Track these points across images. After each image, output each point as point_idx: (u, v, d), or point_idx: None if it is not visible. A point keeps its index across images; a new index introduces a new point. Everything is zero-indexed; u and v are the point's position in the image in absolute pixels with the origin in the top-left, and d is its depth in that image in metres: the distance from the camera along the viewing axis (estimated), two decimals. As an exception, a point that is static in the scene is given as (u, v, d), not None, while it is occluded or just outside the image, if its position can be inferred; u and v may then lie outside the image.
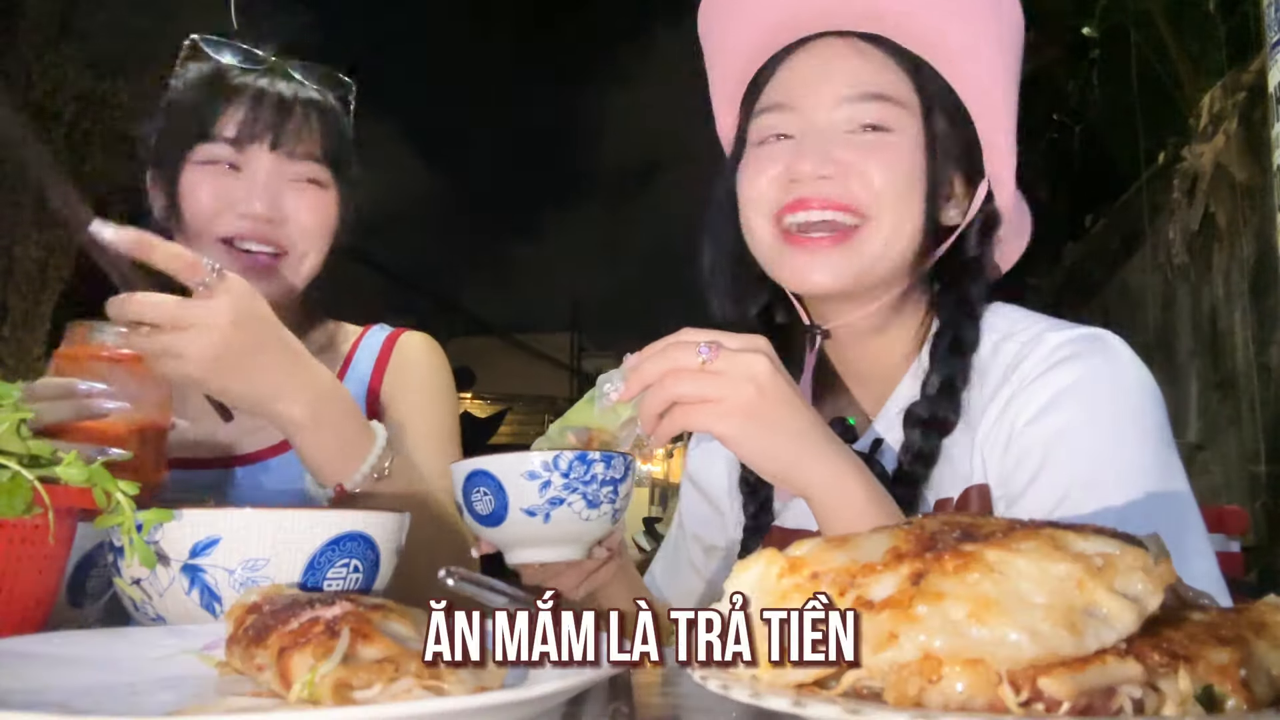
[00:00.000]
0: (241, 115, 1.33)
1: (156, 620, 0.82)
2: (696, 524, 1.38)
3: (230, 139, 1.32)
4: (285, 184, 1.35)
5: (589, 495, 0.97)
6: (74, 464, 0.75)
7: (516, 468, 0.95)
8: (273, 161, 1.34)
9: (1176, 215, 6.29)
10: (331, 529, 0.82)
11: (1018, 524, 0.50)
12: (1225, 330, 5.97)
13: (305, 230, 1.36)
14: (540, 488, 0.96)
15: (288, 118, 1.35)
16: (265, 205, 1.31)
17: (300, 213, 1.35)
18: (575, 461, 0.96)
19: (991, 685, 0.44)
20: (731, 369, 0.87)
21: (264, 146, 1.33)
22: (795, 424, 0.89)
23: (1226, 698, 0.44)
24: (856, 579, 0.49)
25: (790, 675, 0.49)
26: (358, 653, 0.56)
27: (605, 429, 0.94)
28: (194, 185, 1.33)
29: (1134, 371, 1.04)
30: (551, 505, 0.96)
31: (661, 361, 0.88)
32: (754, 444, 0.89)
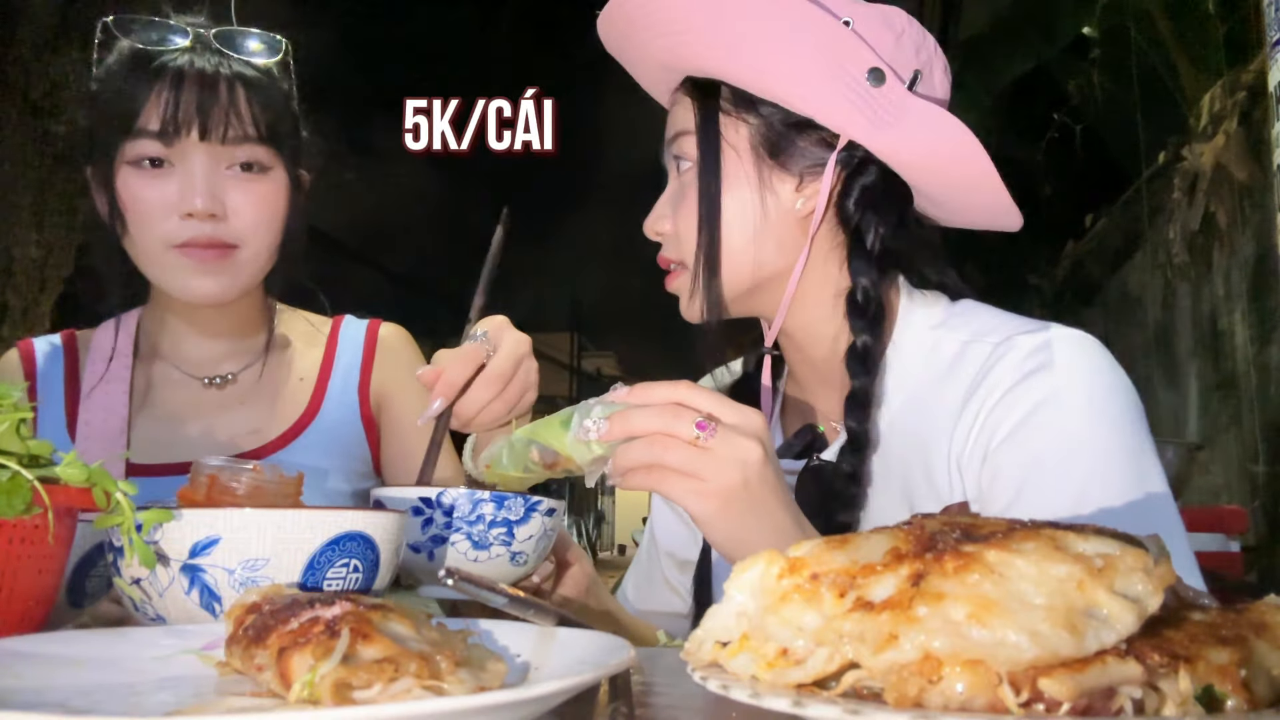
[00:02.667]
0: (163, 104, 1.24)
1: (156, 620, 0.82)
2: (668, 539, 1.36)
3: (155, 132, 1.25)
4: (222, 174, 1.28)
5: (474, 536, 0.95)
6: (74, 464, 0.75)
7: (401, 501, 0.95)
8: (205, 152, 1.26)
9: (1176, 215, 6.29)
10: (331, 529, 0.82)
11: (1018, 525, 0.50)
12: (1225, 330, 5.97)
13: (251, 222, 1.30)
14: (422, 524, 0.95)
15: (213, 100, 1.25)
16: (205, 201, 1.25)
17: (243, 205, 1.29)
18: (461, 499, 0.94)
19: (991, 686, 0.44)
20: (723, 451, 0.83)
21: (192, 136, 1.25)
22: (773, 519, 0.86)
23: (1227, 698, 0.44)
24: (857, 579, 0.49)
25: (790, 675, 0.49)
26: (358, 653, 0.56)
27: (572, 459, 0.89)
28: (129, 189, 1.27)
29: (1109, 376, 1.02)
30: (434, 543, 0.95)
31: (654, 421, 0.84)
32: (726, 531, 0.85)
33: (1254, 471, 5.46)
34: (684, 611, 1.35)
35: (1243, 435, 5.58)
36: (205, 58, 1.28)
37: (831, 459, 1.11)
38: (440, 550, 0.95)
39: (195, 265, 1.28)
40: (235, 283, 1.32)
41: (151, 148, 1.26)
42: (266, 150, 1.30)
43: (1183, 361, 6.50)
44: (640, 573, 1.40)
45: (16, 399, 0.75)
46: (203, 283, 1.30)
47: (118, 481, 0.76)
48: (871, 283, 1.09)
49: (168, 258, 1.28)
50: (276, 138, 1.31)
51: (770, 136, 1.08)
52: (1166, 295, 6.71)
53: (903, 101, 1.05)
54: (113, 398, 1.37)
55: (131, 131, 1.25)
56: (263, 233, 1.31)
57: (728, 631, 0.53)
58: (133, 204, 1.28)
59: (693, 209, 1.10)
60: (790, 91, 1.06)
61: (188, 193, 1.25)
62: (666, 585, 1.36)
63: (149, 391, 1.41)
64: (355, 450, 1.46)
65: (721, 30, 1.05)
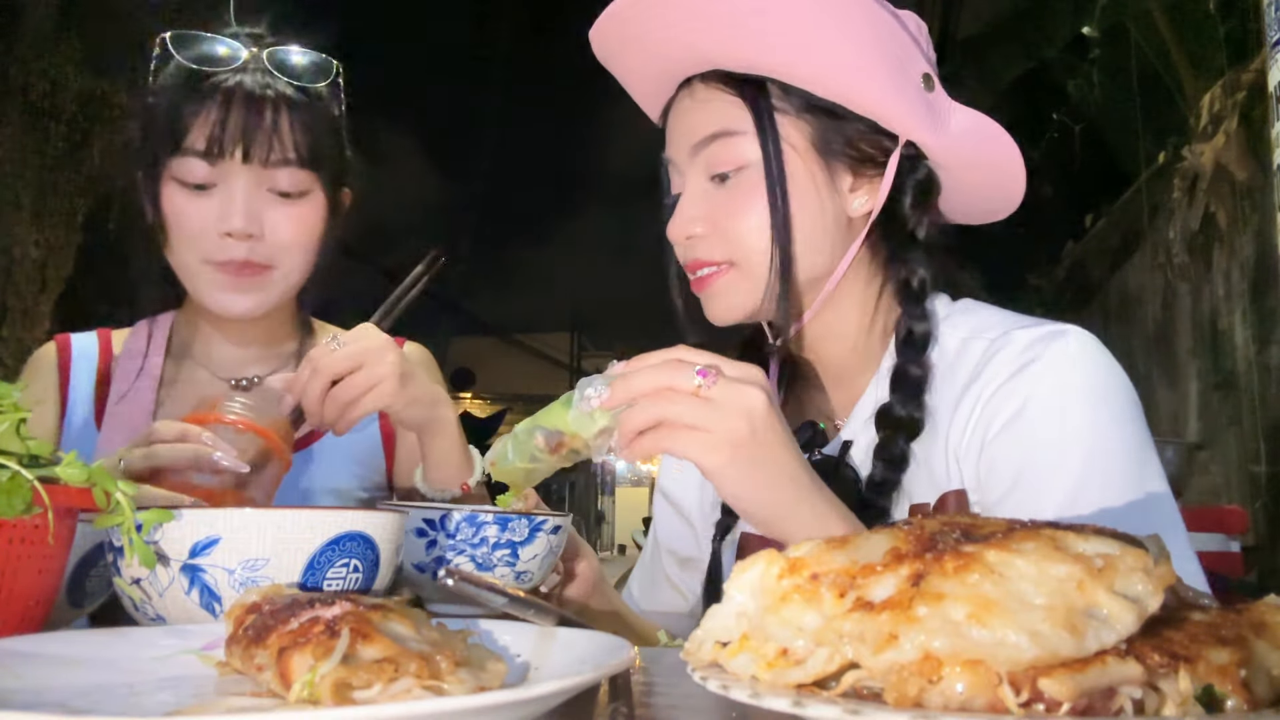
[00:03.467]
0: (210, 124, 1.28)
1: (156, 620, 0.82)
2: (670, 537, 1.37)
3: (201, 152, 1.28)
4: (263, 197, 1.31)
5: (478, 558, 0.95)
6: (74, 464, 0.75)
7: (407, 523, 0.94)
8: (247, 174, 1.29)
9: (1176, 215, 6.29)
10: (331, 529, 0.82)
11: (1018, 525, 0.50)
12: (1225, 330, 5.98)
13: (286, 244, 1.33)
14: (427, 546, 0.95)
15: (258, 123, 1.28)
16: (244, 221, 1.28)
17: (280, 226, 1.32)
18: (463, 523, 0.94)
19: (991, 686, 0.44)
20: (727, 399, 0.82)
21: (236, 159, 1.28)
22: (785, 467, 0.85)
23: (1227, 698, 0.44)
24: (856, 580, 0.49)
25: (790, 675, 0.49)
26: (358, 653, 0.56)
27: (578, 435, 0.87)
28: (173, 205, 1.30)
29: (1106, 371, 1.02)
30: (438, 564, 0.94)
31: (655, 377, 0.83)
32: (738, 482, 0.84)
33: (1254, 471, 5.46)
34: (686, 610, 1.35)
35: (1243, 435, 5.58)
36: (254, 78, 1.30)
37: (833, 454, 1.12)
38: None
39: (229, 282, 1.32)
40: (267, 300, 1.35)
41: (197, 167, 1.29)
42: (307, 174, 1.33)
43: (1183, 361, 6.50)
44: (644, 572, 1.40)
45: (16, 398, 0.75)
46: (235, 299, 1.34)
47: (118, 481, 0.76)
48: (928, 274, 1.10)
49: (204, 273, 1.32)
50: (317, 161, 1.33)
51: (828, 136, 1.06)
52: (1166, 295, 6.71)
53: (947, 104, 1.07)
54: (141, 394, 1.41)
55: (179, 149, 1.29)
56: (297, 254, 1.35)
57: (728, 632, 0.53)
58: (175, 219, 1.31)
59: (745, 210, 1.06)
60: (858, 91, 1.04)
61: (228, 213, 1.28)
62: (669, 583, 1.36)
63: (176, 390, 1.44)
64: (371, 460, 1.49)
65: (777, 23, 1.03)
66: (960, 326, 1.10)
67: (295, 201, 1.33)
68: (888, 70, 1.04)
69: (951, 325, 1.11)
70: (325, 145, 1.35)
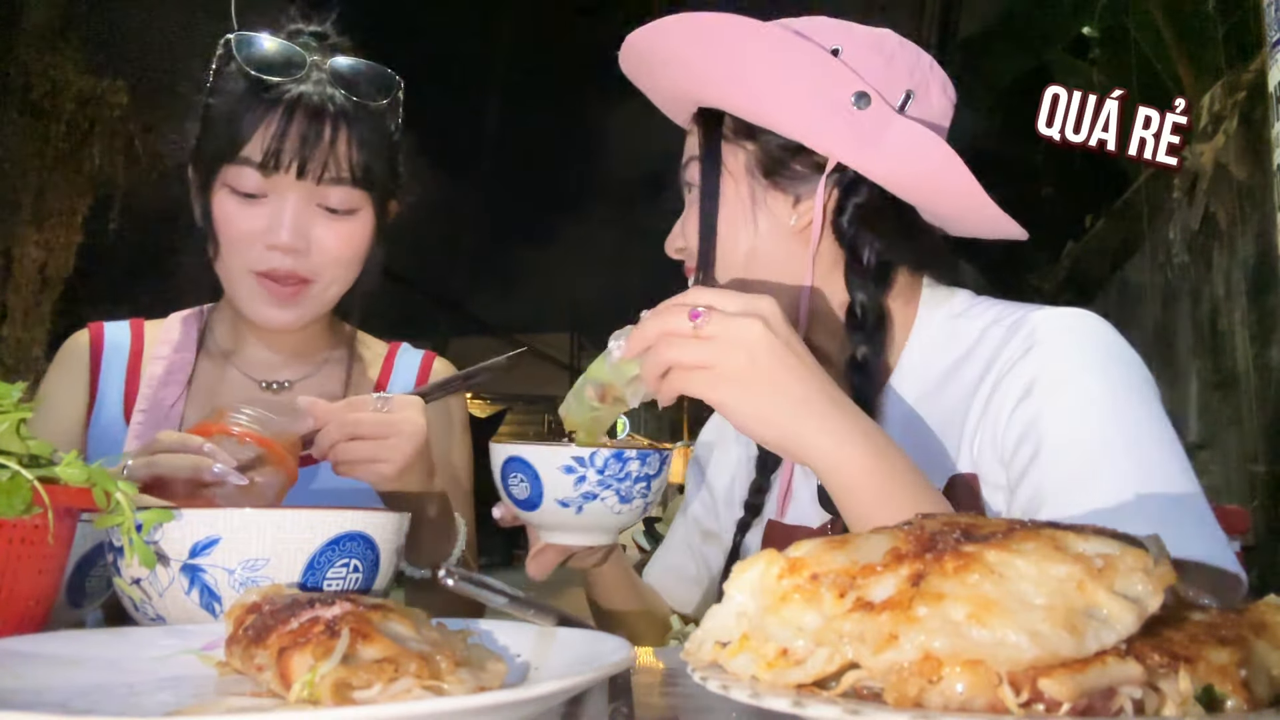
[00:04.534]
0: (268, 137, 1.27)
1: (156, 620, 0.82)
2: (698, 507, 1.42)
3: (257, 163, 1.27)
4: (313, 212, 1.30)
5: (621, 491, 1.00)
6: (74, 464, 0.75)
7: (553, 460, 0.98)
8: (299, 189, 1.28)
9: (1176, 215, 6.29)
10: (331, 529, 0.82)
11: (1018, 525, 0.50)
12: (1225, 330, 5.97)
13: (332, 260, 1.32)
14: (575, 481, 0.99)
15: (316, 139, 1.27)
16: (291, 236, 1.28)
17: (328, 242, 1.31)
18: (611, 459, 0.99)
19: (991, 686, 0.44)
20: (724, 334, 0.85)
21: (290, 174, 1.27)
22: (794, 390, 0.86)
23: (1227, 698, 0.44)
24: (856, 580, 0.49)
25: (790, 675, 0.49)
26: (358, 653, 0.56)
27: (614, 385, 0.94)
28: (224, 213, 1.30)
29: (1121, 348, 1.05)
30: (585, 499, 0.99)
31: (656, 324, 0.88)
32: (747, 411, 0.87)
33: (1254, 471, 5.46)
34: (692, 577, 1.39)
35: (1243, 435, 5.58)
36: (316, 89, 1.29)
37: None
38: (590, 505, 1.00)
39: (270, 294, 1.32)
40: (305, 314, 1.35)
41: (251, 177, 1.28)
42: (359, 193, 1.32)
43: (1183, 361, 6.50)
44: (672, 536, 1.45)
45: (15, 399, 0.75)
46: (275, 314, 1.34)
47: (118, 481, 0.76)
48: (869, 296, 1.13)
49: (247, 282, 1.32)
50: (370, 180, 1.32)
51: (765, 160, 1.14)
52: (1166, 295, 6.72)
53: (887, 122, 1.08)
54: (171, 387, 1.41)
55: (235, 158, 1.28)
56: (340, 270, 1.34)
57: (728, 632, 0.53)
58: (224, 226, 1.31)
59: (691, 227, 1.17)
60: (780, 117, 1.12)
61: (276, 225, 1.28)
62: (687, 548, 1.40)
63: (207, 387, 1.44)
64: None
65: (720, 63, 1.11)
66: (979, 317, 1.13)
67: (344, 218, 1.32)
68: (804, 96, 1.09)
69: (970, 317, 1.14)
70: (379, 164, 1.34)
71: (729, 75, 1.12)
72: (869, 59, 1.10)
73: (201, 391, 1.42)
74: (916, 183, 1.11)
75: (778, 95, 1.10)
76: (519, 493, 1.02)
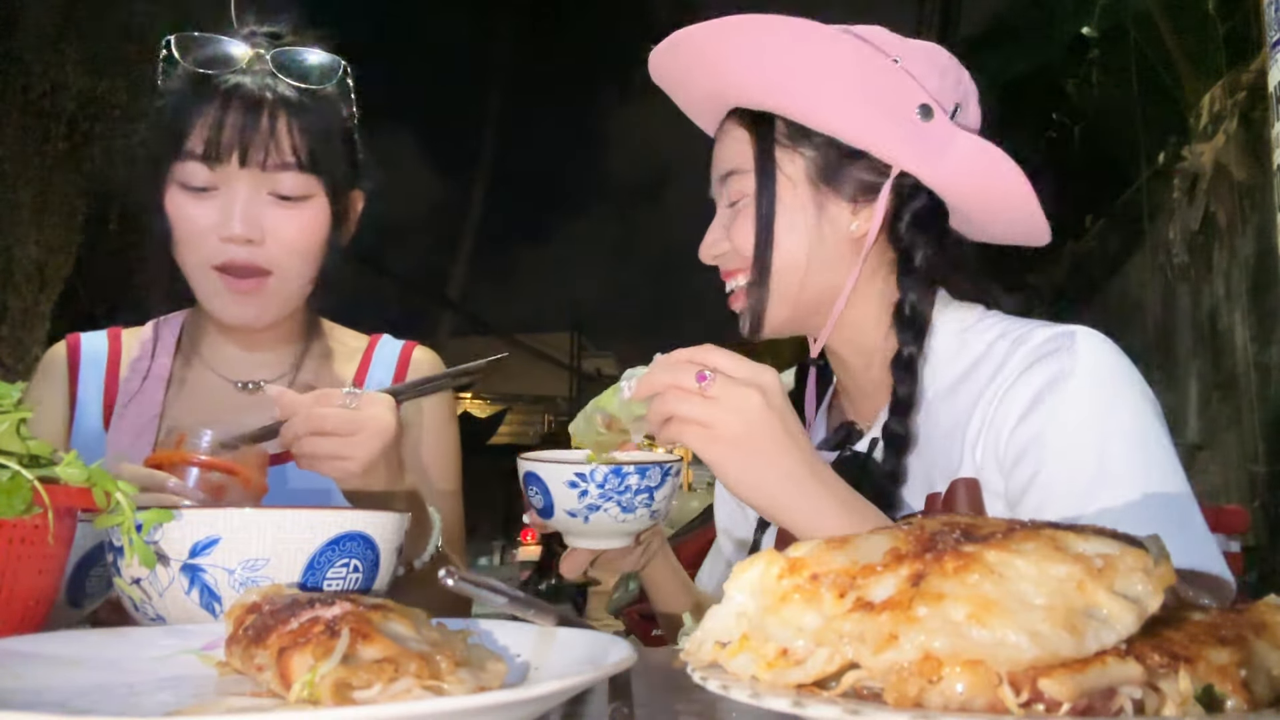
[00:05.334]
0: (209, 128, 1.26)
1: (156, 620, 0.82)
2: (725, 518, 1.46)
3: (200, 156, 1.27)
4: (263, 201, 1.29)
5: (623, 503, 1.08)
6: (74, 464, 0.75)
7: (559, 476, 1.08)
8: (246, 178, 1.28)
9: (1176, 215, 6.29)
10: (331, 529, 0.82)
11: (1018, 525, 0.50)
12: (1225, 330, 5.97)
13: (289, 249, 1.31)
14: (579, 495, 1.08)
15: (255, 126, 1.26)
16: (243, 226, 1.27)
17: (283, 230, 1.30)
18: (610, 475, 1.07)
19: (991, 686, 0.44)
20: (725, 398, 0.90)
21: (233, 163, 1.27)
22: (781, 462, 0.91)
23: (1227, 698, 0.44)
24: (856, 580, 0.49)
25: (790, 675, 0.49)
26: (358, 653, 0.56)
27: (620, 419, 1.00)
28: (176, 209, 1.30)
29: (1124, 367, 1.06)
30: (590, 510, 1.08)
31: (665, 375, 0.93)
32: (735, 475, 0.92)
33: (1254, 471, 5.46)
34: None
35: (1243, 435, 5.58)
36: (255, 79, 1.29)
37: (862, 450, 1.18)
38: (595, 516, 1.08)
39: (231, 292, 1.31)
40: (268, 309, 1.34)
41: (198, 171, 1.28)
42: (309, 178, 1.31)
43: (1183, 361, 6.50)
44: (710, 558, 1.49)
45: (16, 399, 0.75)
46: (237, 310, 1.33)
47: (118, 482, 0.76)
48: (920, 297, 1.16)
49: (208, 278, 1.31)
50: (319, 165, 1.31)
51: (824, 166, 1.16)
52: (1166, 295, 6.71)
53: (950, 134, 1.13)
54: (148, 393, 1.41)
55: (181, 153, 1.28)
56: (298, 260, 1.33)
57: (728, 632, 0.53)
58: (178, 222, 1.31)
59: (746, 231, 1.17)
60: (845, 125, 1.14)
61: (227, 217, 1.27)
62: (724, 562, 1.44)
63: (184, 389, 1.44)
64: None
65: (778, 68, 1.13)
66: (987, 331, 1.16)
67: (297, 206, 1.31)
68: (872, 105, 1.12)
69: (978, 331, 1.17)
70: (329, 149, 1.33)
71: (788, 80, 1.13)
72: (927, 71, 1.14)
73: (180, 397, 1.43)
74: (977, 193, 1.16)
75: (843, 101, 1.13)
76: (536, 503, 1.11)
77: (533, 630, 0.72)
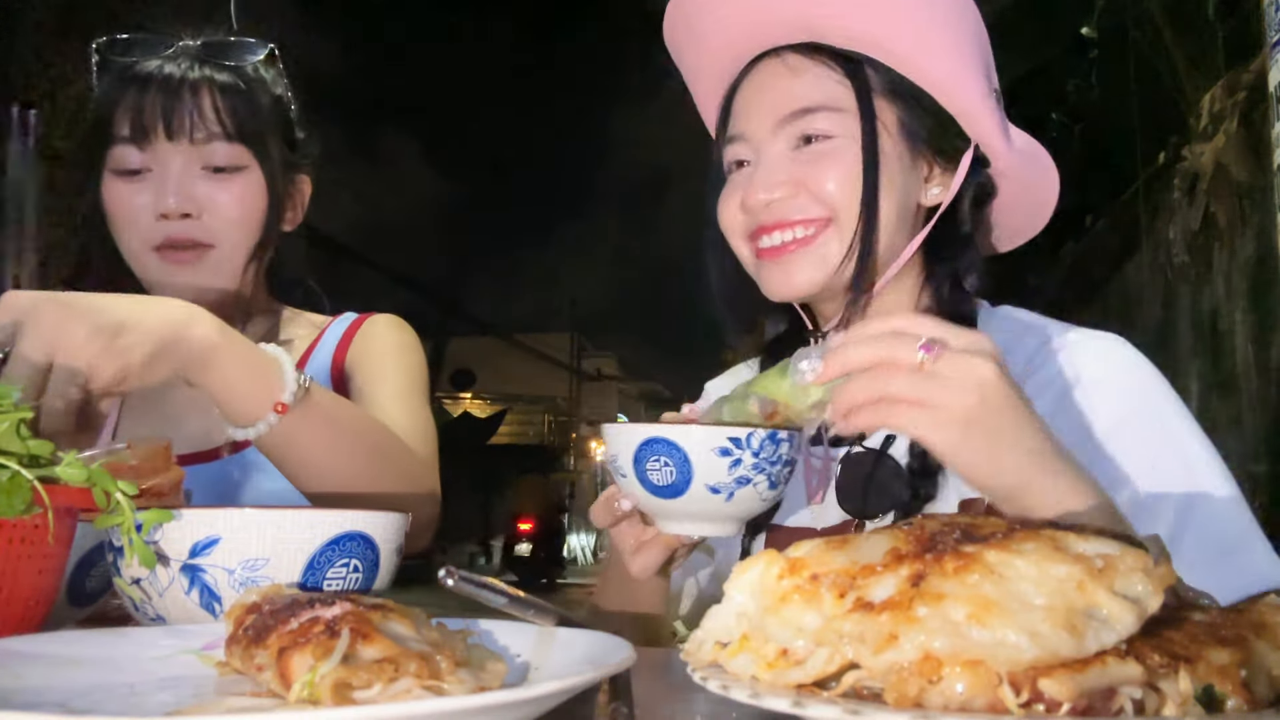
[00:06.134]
0: (134, 109, 1.29)
1: (156, 620, 0.82)
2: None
3: (128, 137, 1.30)
4: (195, 174, 1.31)
5: (772, 476, 0.92)
6: (74, 464, 0.75)
7: (707, 442, 0.89)
8: (177, 153, 1.30)
9: (1176, 215, 6.29)
10: (331, 529, 0.82)
11: (1018, 525, 0.50)
12: (1225, 330, 5.97)
13: (226, 220, 1.32)
14: (730, 465, 0.90)
15: (177, 100, 1.29)
16: (178, 200, 1.29)
17: (218, 202, 1.31)
18: (766, 440, 0.90)
19: (991, 686, 0.44)
20: (954, 373, 0.76)
21: (159, 139, 1.29)
22: (1024, 440, 0.79)
23: (1227, 698, 0.44)
24: (857, 580, 0.49)
25: (790, 675, 0.49)
26: (358, 653, 0.56)
27: (791, 406, 0.86)
28: (112, 195, 1.32)
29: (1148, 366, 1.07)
30: (738, 484, 0.90)
31: (875, 350, 0.79)
32: (974, 458, 0.79)
33: (1254, 471, 5.46)
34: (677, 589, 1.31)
35: (1243, 435, 5.58)
36: (176, 64, 1.32)
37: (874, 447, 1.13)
38: (741, 492, 0.91)
39: (171, 267, 1.32)
40: (212, 281, 1.33)
41: (129, 153, 1.30)
42: (240, 149, 1.32)
43: (1183, 361, 6.50)
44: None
45: (16, 398, 0.75)
46: (177, 281, 1.32)
47: (118, 482, 0.76)
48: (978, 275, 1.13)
49: (148, 260, 1.32)
50: (248, 137, 1.33)
51: (914, 122, 1.10)
52: (1166, 295, 6.71)
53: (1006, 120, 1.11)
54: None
55: (110, 138, 1.30)
56: (236, 231, 1.33)
57: (728, 632, 0.53)
58: (115, 207, 1.32)
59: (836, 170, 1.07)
60: (952, 86, 1.08)
61: (161, 194, 1.29)
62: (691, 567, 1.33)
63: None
64: None
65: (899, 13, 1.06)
66: (999, 329, 1.14)
67: (231, 177, 1.32)
68: (977, 72, 1.08)
69: (991, 329, 1.14)
70: (258, 121, 1.34)
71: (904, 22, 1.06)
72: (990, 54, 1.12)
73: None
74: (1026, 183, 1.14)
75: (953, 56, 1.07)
76: (659, 478, 0.91)
77: (533, 630, 0.72)
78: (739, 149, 1.15)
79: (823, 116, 1.08)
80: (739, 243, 1.15)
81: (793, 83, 1.10)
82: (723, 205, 1.15)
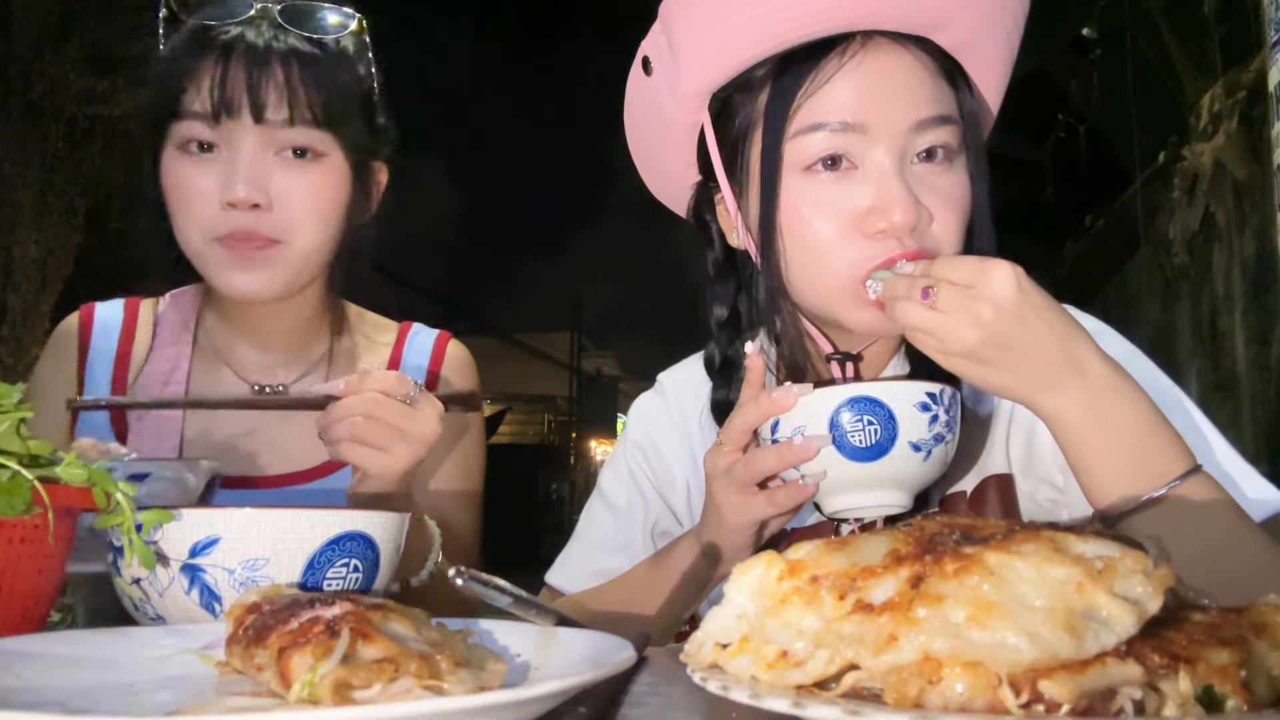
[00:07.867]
0: (211, 82, 1.14)
1: (156, 620, 0.82)
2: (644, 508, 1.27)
3: (200, 113, 1.15)
4: (270, 160, 1.17)
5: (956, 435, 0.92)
6: (74, 464, 0.75)
7: (908, 397, 0.88)
8: (253, 135, 1.16)
9: (1176, 215, 6.29)
10: (331, 529, 0.82)
11: (1017, 526, 0.50)
12: (1225, 330, 5.97)
13: (300, 215, 1.18)
14: (930, 421, 0.89)
15: (263, 77, 1.15)
16: (247, 189, 1.15)
17: (293, 193, 1.17)
18: (954, 397, 0.91)
19: (991, 687, 0.44)
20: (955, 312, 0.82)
21: (241, 118, 1.15)
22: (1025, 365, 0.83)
23: (1227, 698, 0.44)
24: (856, 582, 0.49)
25: (790, 677, 0.49)
26: (358, 653, 0.56)
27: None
28: (174, 176, 1.18)
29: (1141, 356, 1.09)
30: (935, 442, 0.89)
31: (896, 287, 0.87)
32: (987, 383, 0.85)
33: (1254, 472, 5.45)
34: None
35: (1242, 435, 5.58)
36: (260, 32, 1.17)
37: None
38: (937, 450, 0.90)
39: (236, 259, 1.19)
40: (279, 279, 1.21)
41: (198, 130, 1.17)
42: (321, 134, 1.18)
43: (1183, 361, 6.50)
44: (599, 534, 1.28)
45: (16, 399, 0.75)
46: (243, 278, 1.20)
47: (117, 482, 0.76)
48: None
49: (209, 250, 1.19)
50: (334, 121, 1.19)
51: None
52: (1166, 295, 6.71)
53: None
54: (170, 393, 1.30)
55: (179, 113, 1.17)
56: (310, 227, 1.20)
57: (727, 633, 0.53)
58: (175, 190, 1.19)
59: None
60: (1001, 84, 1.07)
61: (230, 180, 1.15)
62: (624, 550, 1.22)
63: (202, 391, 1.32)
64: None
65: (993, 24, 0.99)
66: None
67: (308, 165, 1.19)
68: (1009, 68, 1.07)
69: None
70: (345, 104, 1.21)
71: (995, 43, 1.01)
72: None
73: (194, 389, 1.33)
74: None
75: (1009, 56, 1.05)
76: (862, 439, 0.87)
77: (533, 630, 0.72)
78: (846, 141, 0.94)
79: (949, 130, 0.96)
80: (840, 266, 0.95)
81: (925, 78, 0.95)
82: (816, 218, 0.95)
